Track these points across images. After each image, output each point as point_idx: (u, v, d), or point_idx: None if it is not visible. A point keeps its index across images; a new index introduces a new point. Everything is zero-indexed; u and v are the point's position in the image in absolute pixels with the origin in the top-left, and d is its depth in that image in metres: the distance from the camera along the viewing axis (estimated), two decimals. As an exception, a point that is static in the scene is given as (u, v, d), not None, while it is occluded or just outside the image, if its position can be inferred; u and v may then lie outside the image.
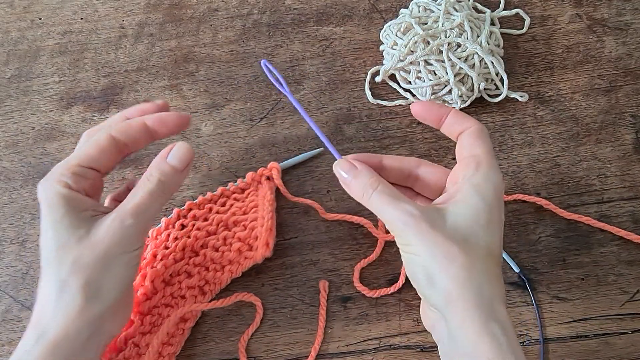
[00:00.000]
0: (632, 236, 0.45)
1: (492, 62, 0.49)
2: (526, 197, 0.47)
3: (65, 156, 0.52)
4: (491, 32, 0.52)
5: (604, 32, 0.55)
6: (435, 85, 0.50)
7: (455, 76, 0.49)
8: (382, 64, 0.54)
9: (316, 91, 0.54)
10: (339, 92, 0.53)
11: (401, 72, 0.52)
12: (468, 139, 0.35)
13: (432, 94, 0.50)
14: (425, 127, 0.51)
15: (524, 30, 0.55)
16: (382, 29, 0.55)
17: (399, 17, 0.54)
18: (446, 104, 0.51)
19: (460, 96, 0.50)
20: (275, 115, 0.53)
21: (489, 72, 0.50)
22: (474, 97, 0.50)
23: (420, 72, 0.50)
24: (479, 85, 0.49)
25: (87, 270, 0.34)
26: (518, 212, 0.47)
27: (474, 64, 0.49)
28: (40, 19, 0.60)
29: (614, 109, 0.51)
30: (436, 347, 0.42)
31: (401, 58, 0.50)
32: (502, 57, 0.52)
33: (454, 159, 0.49)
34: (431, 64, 0.50)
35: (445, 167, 0.49)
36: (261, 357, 0.43)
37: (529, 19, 0.55)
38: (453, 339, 0.31)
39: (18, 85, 0.56)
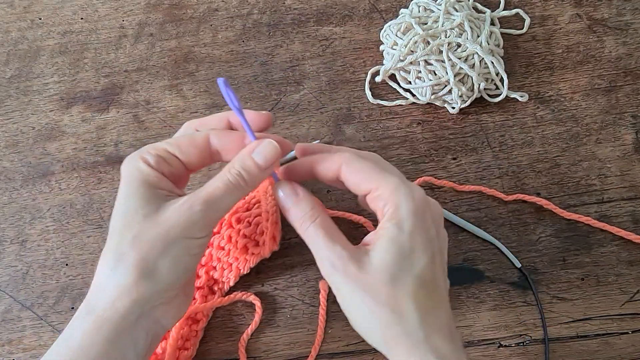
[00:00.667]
0: (632, 236, 0.45)
1: (492, 62, 0.49)
2: (526, 197, 0.47)
3: (66, 156, 0.52)
4: (491, 32, 0.52)
5: (604, 32, 0.55)
6: (435, 85, 0.50)
7: (455, 76, 0.49)
8: (382, 64, 0.54)
9: (316, 91, 0.54)
10: (339, 92, 0.53)
11: (401, 72, 0.52)
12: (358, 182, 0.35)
13: (432, 94, 0.50)
14: (426, 127, 0.51)
15: (524, 30, 0.55)
16: (382, 29, 0.55)
17: (399, 17, 0.54)
18: (446, 104, 0.51)
19: (460, 96, 0.50)
20: (275, 115, 0.53)
21: (489, 72, 0.50)
22: (474, 97, 0.50)
23: (420, 72, 0.50)
24: (479, 85, 0.49)
25: (145, 246, 0.33)
26: (518, 212, 0.47)
27: (474, 64, 0.49)
28: (40, 19, 0.60)
29: (614, 109, 0.51)
30: (436, 347, 0.42)
31: (401, 58, 0.50)
32: (502, 57, 0.52)
33: (454, 158, 0.49)
34: (431, 64, 0.50)
35: (445, 167, 0.49)
36: (261, 357, 0.43)
37: (529, 19, 0.55)
38: None
39: (18, 85, 0.56)
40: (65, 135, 0.53)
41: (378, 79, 0.52)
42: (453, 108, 0.50)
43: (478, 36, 0.50)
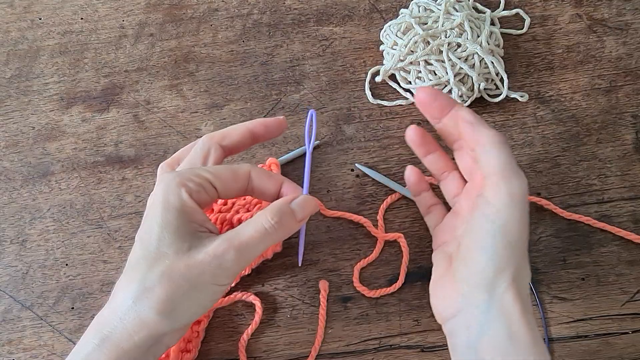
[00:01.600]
0: (632, 236, 0.45)
1: (492, 62, 0.49)
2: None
3: (66, 156, 0.52)
4: (491, 32, 0.52)
5: (604, 32, 0.55)
6: (436, 85, 0.50)
7: (455, 76, 0.49)
8: (382, 64, 0.54)
9: (316, 91, 0.54)
10: (339, 92, 0.53)
11: (401, 72, 0.52)
12: (484, 155, 0.35)
13: None
14: (425, 127, 0.51)
15: (524, 30, 0.55)
16: (382, 29, 0.55)
17: (399, 17, 0.54)
18: None
19: (460, 96, 0.50)
20: (275, 115, 0.53)
21: (489, 72, 0.50)
22: (474, 97, 0.50)
23: (420, 72, 0.50)
24: (479, 85, 0.49)
25: (172, 286, 0.32)
26: (518, 212, 0.47)
27: (474, 64, 0.49)
28: (40, 19, 0.60)
29: (614, 109, 0.51)
30: (436, 347, 0.42)
31: (401, 58, 0.50)
32: (502, 57, 0.52)
33: (454, 158, 0.49)
34: (431, 64, 0.50)
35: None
36: (261, 357, 0.43)
37: (529, 19, 0.55)
38: (487, 332, 0.32)
39: (18, 85, 0.56)
40: (65, 135, 0.53)
41: (378, 79, 0.52)
42: None
43: (478, 36, 0.50)
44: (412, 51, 0.50)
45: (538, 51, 0.54)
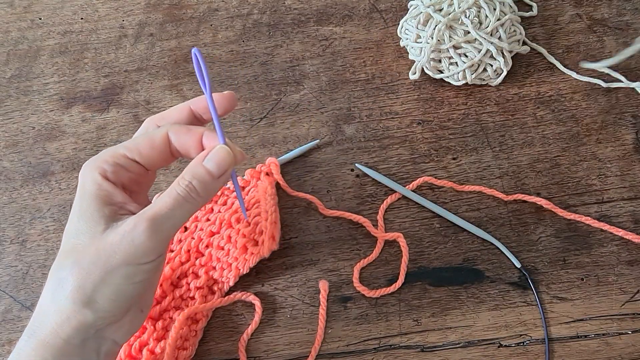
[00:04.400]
0: (632, 236, 0.45)
1: (516, 26, 0.51)
2: (526, 197, 0.47)
3: (66, 156, 0.52)
4: (504, 2, 0.52)
5: (604, 32, 0.55)
6: (470, 66, 0.50)
7: (486, 53, 0.50)
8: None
9: (316, 91, 0.54)
10: (339, 92, 0.53)
11: (431, 62, 0.52)
12: None
13: (471, 75, 0.51)
14: (425, 127, 0.51)
15: (534, 12, 0.56)
16: (398, 25, 0.54)
17: (411, 9, 0.53)
18: (483, 82, 0.52)
19: (495, 70, 0.51)
20: (275, 115, 0.53)
21: (516, 34, 0.51)
22: (509, 67, 0.51)
23: (452, 57, 0.51)
24: (510, 54, 0.51)
25: (82, 274, 0.31)
26: (518, 212, 0.47)
27: (500, 37, 0.50)
28: (40, 19, 0.60)
29: (614, 109, 0.51)
30: (436, 347, 0.42)
31: (432, 49, 0.50)
32: (519, 23, 0.53)
33: (454, 158, 0.49)
34: (460, 47, 0.50)
35: (445, 167, 0.49)
36: (261, 357, 0.43)
37: (536, 4, 0.55)
38: None
39: (18, 85, 0.56)
40: (65, 135, 0.53)
41: (414, 76, 0.52)
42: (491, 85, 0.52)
43: (494, 9, 0.50)
44: (438, 40, 0.50)
45: (538, 51, 0.54)
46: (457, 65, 0.50)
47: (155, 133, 0.34)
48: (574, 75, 0.52)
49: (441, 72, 0.52)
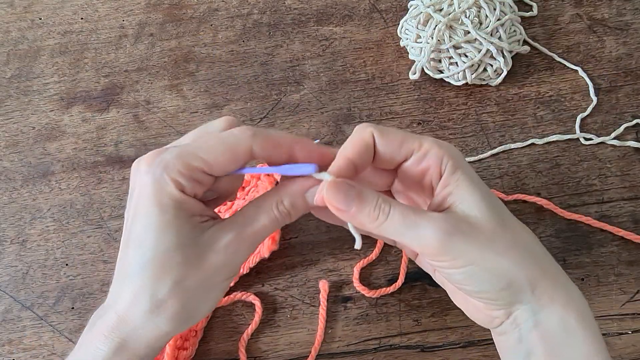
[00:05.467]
0: (632, 236, 0.45)
1: (516, 26, 0.52)
2: (526, 197, 0.47)
3: (66, 156, 0.52)
4: (503, 1, 0.52)
5: (604, 32, 0.55)
6: (470, 66, 0.50)
7: (486, 53, 0.50)
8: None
9: (316, 91, 0.54)
10: (339, 92, 0.53)
11: (430, 62, 0.52)
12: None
13: (472, 74, 0.51)
14: (425, 127, 0.51)
15: (535, 12, 0.56)
16: (398, 25, 0.54)
17: (411, 9, 0.54)
18: (483, 82, 0.52)
19: (495, 70, 0.51)
20: (276, 115, 0.53)
21: (516, 34, 0.52)
22: (509, 67, 0.51)
23: (452, 57, 0.51)
24: (510, 54, 0.51)
25: (187, 296, 0.30)
26: (518, 212, 0.47)
27: (500, 36, 0.50)
28: (40, 19, 0.60)
29: (614, 109, 0.51)
30: (436, 347, 0.42)
31: (432, 49, 0.50)
32: (519, 23, 0.53)
33: (454, 159, 0.49)
34: (460, 47, 0.50)
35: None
36: (261, 357, 0.43)
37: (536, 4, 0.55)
38: (539, 324, 0.30)
39: (18, 85, 0.56)
40: (65, 135, 0.53)
41: (414, 76, 0.52)
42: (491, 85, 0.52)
43: (494, 9, 0.50)
44: (438, 40, 0.50)
45: (538, 51, 0.54)
46: (457, 65, 0.50)
47: (237, 145, 0.31)
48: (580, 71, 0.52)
49: (441, 72, 0.52)
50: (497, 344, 0.33)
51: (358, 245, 0.31)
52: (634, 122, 0.49)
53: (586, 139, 0.49)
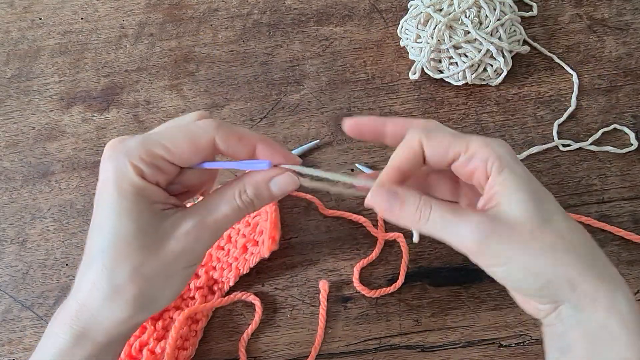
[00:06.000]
0: (632, 236, 0.45)
1: (516, 26, 0.52)
2: (526, 197, 0.47)
3: (66, 156, 0.52)
4: (504, 2, 0.52)
5: (604, 32, 0.55)
6: (470, 66, 0.50)
7: (486, 53, 0.50)
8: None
9: (316, 91, 0.54)
10: (339, 92, 0.53)
11: (431, 62, 0.52)
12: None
13: (472, 74, 0.51)
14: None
15: (535, 12, 0.56)
16: (398, 25, 0.54)
17: (411, 9, 0.54)
18: (483, 82, 0.52)
19: (495, 70, 0.51)
20: (276, 115, 0.53)
21: (516, 34, 0.52)
22: (509, 67, 0.51)
23: (452, 57, 0.51)
24: (510, 54, 0.51)
25: (145, 282, 0.31)
26: (518, 212, 0.47)
27: (500, 36, 0.50)
28: (40, 19, 0.60)
29: (614, 109, 0.51)
30: (436, 347, 0.42)
31: (432, 49, 0.50)
32: (519, 23, 0.53)
33: (454, 159, 0.49)
34: (460, 47, 0.50)
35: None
36: (261, 357, 0.43)
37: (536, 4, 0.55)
38: (581, 323, 0.30)
39: (18, 85, 0.56)
40: (65, 135, 0.53)
41: (414, 76, 0.52)
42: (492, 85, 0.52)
43: (494, 9, 0.50)
44: (438, 40, 0.50)
45: (538, 51, 0.54)
46: (457, 65, 0.50)
47: (200, 136, 0.31)
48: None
49: (441, 72, 0.52)
50: (544, 332, 0.34)
51: (416, 239, 0.40)
52: (612, 127, 0.49)
53: (564, 146, 0.49)
